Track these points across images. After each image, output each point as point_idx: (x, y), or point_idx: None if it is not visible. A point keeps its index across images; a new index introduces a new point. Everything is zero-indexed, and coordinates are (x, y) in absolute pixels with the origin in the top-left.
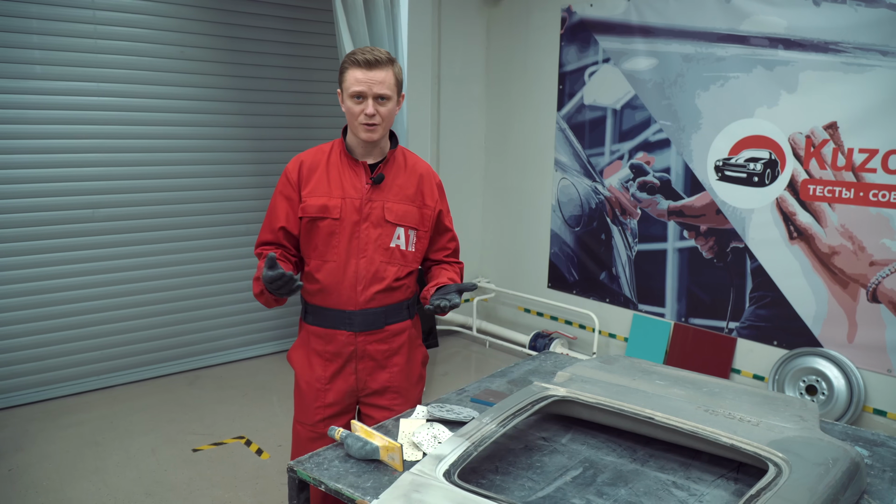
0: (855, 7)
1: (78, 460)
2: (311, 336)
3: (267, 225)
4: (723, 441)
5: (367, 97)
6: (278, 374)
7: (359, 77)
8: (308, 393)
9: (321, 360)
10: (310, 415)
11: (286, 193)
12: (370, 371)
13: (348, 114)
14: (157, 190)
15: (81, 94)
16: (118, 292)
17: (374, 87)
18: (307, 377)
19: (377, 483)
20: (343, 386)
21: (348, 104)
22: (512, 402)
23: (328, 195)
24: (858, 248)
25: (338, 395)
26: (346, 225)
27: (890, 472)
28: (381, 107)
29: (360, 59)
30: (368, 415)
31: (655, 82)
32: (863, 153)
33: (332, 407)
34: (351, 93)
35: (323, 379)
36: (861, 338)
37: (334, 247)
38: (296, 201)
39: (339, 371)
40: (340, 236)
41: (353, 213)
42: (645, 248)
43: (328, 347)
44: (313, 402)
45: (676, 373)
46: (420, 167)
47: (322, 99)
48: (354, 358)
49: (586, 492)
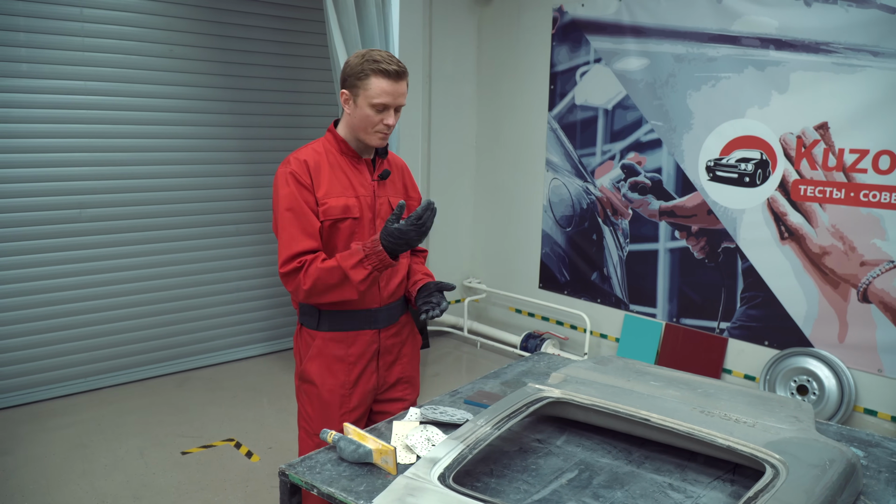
0: (846, 8)
1: (65, 463)
2: (328, 343)
3: (298, 232)
4: (719, 442)
5: (390, 108)
6: (269, 375)
7: (386, 88)
8: (332, 402)
9: (344, 366)
10: (334, 424)
11: (304, 196)
12: (388, 366)
13: (364, 120)
14: (146, 190)
15: (69, 93)
16: (106, 293)
17: (398, 98)
18: (330, 386)
19: (370, 486)
20: (366, 387)
21: (367, 111)
22: (506, 403)
23: (345, 195)
24: (849, 248)
25: (361, 396)
26: (365, 223)
27: (886, 473)
28: (398, 115)
29: (390, 69)
30: (383, 411)
31: (647, 82)
32: (854, 153)
33: (356, 411)
34: (375, 103)
35: (347, 384)
36: (852, 338)
37: None
38: (314, 203)
39: (362, 372)
40: (360, 235)
41: (367, 211)
42: (636, 248)
43: (351, 350)
44: (338, 410)
45: (670, 373)
46: (399, 161)
47: (312, 98)
48: (377, 356)
49: (582, 494)
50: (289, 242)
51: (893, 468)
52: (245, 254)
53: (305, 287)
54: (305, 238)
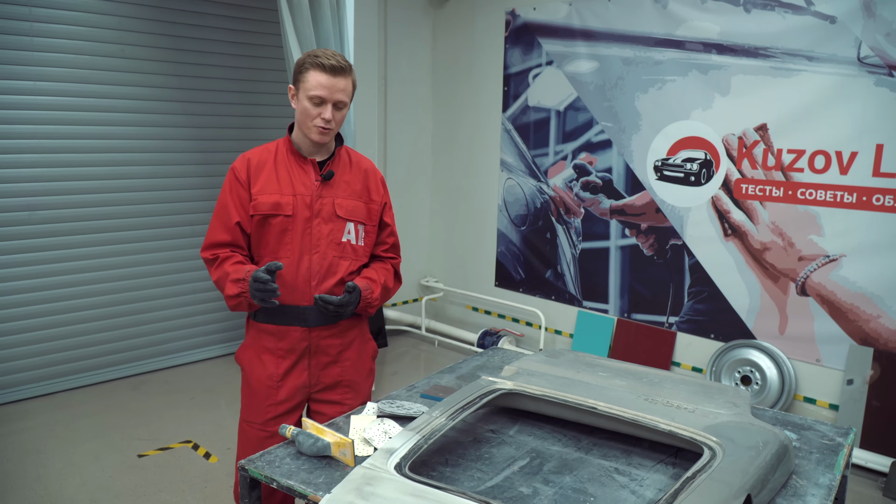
0: (783, 14)
1: (19, 468)
2: (261, 334)
3: (219, 224)
4: (661, 427)
5: (328, 103)
6: (225, 376)
7: (322, 82)
8: (259, 391)
9: (273, 358)
10: (260, 413)
11: (236, 191)
12: (323, 366)
13: (303, 114)
14: (98, 191)
15: (17, 94)
16: (58, 296)
17: (335, 93)
18: (258, 375)
19: (329, 479)
20: (296, 382)
21: (305, 105)
22: (460, 396)
23: (279, 192)
24: (788, 244)
25: (290, 391)
26: (299, 221)
27: (816, 454)
28: (338, 112)
29: (326, 64)
30: (319, 411)
31: (597, 84)
32: (791, 153)
33: (284, 404)
34: (311, 95)
35: (275, 376)
36: (791, 330)
37: (287, 244)
38: (246, 199)
39: (291, 367)
40: (293, 233)
41: (304, 210)
42: (588, 246)
43: (281, 344)
44: (264, 401)
45: (619, 365)
46: (364, 164)
47: (267, 99)
48: (308, 354)
49: (533, 480)
50: (211, 231)
51: (823, 449)
52: (199, 255)
53: (213, 279)
54: (221, 231)
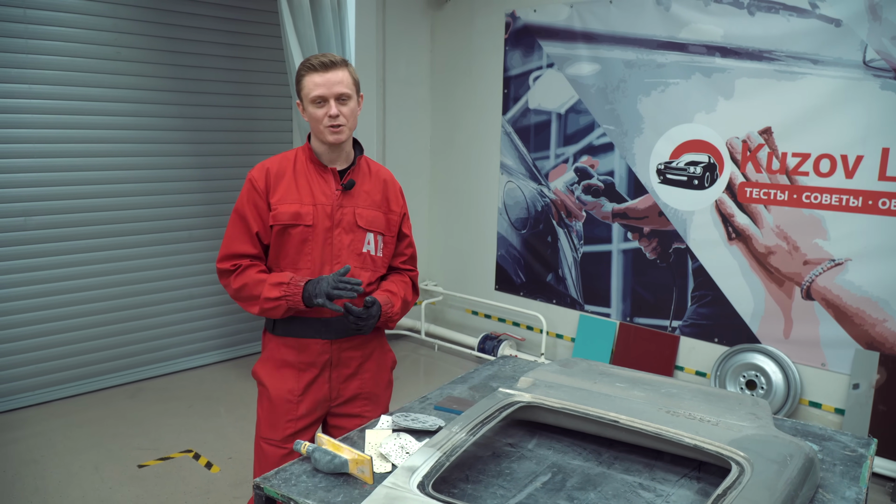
0: (787, 17)
1: (16, 480)
2: (281, 347)
3: (237, 235)
4: (686, 442)
5: (329, 99)
6: (223, 383)
7: (317, 81)
8: (279, 406)
9: (294, 372)
10: (279, 430)
11: (254, 201)
12: (344, 379)
13: (312, 120)
14: (94, 196)
15: (11, 97)
16: (54, 303)
17: (333, 87)
18: (278, 390)
19: (348, 497)
20: (316, 396)
21: (311, 110)
22: (479, 409)
23: (299, 202)
24: (793, 247)
25: (310, 405)
26: (319, 231)
27: (840, 466)
28: (343, 106)
29: (315, 62)
30: (337, 425)
31: (599, 87)
32: (796, 157)
33: (304, 419)
34: (312, 98)
35: (296, 391)
36: (796, 334)
37: (307, 254)
38: (265, 209)
39: (312, 381)
40: (314, 243)
41: (325, 220)
42: (590, 249)
43: (302, 358)
44: (284, 416)
45: (633, 374)
46: (383, 173)
47: (267, 102)
48: (329, 367)
49: (557, 497)
50: (228, 242)
51: (846, 461)
52: (198, 260)
53: (234, 287)
54: (242, 241)
